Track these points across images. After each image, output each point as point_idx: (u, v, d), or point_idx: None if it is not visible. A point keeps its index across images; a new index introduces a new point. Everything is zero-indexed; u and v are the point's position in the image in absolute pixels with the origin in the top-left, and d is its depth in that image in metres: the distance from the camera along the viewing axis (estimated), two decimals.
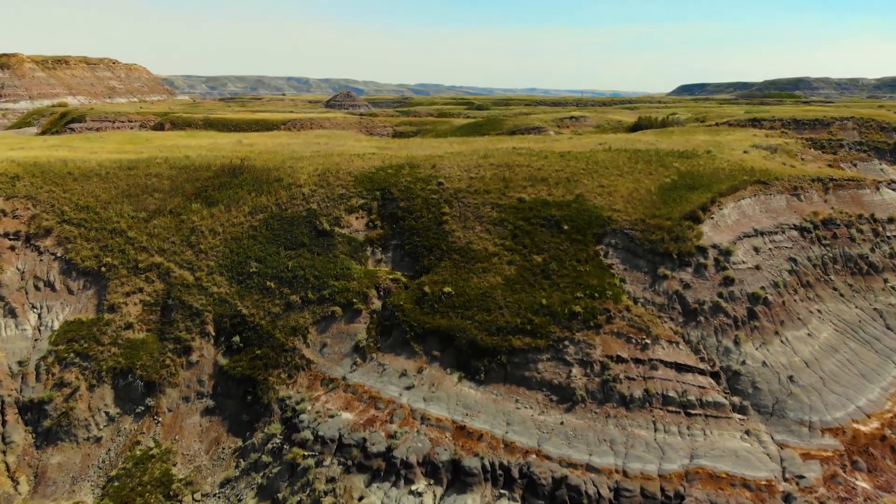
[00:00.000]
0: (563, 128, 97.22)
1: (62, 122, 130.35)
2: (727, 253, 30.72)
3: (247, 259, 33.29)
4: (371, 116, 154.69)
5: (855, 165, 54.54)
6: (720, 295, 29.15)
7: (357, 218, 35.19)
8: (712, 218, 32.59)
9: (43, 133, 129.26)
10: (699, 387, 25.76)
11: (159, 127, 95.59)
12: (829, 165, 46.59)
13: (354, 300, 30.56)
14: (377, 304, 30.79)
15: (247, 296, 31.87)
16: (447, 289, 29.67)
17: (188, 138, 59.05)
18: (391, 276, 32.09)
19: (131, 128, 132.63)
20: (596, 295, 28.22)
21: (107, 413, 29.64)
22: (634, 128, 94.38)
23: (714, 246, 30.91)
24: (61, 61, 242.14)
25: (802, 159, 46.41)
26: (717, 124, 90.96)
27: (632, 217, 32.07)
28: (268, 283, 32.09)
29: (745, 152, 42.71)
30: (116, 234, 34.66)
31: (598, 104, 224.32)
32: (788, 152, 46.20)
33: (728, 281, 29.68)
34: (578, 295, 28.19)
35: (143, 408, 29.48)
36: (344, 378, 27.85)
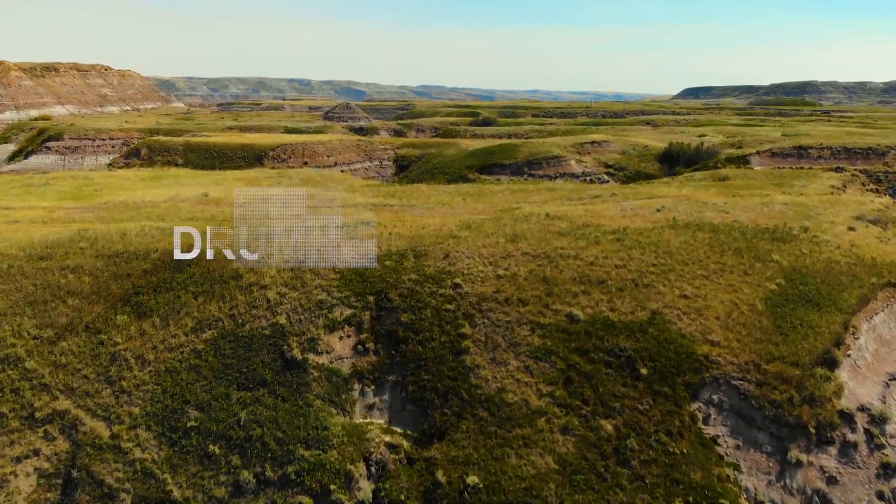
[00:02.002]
0: (584, 154, 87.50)
1: (39, 140, 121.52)
2: (881, 420, 20.82)
3: (184, 405, 23.45)
4: (370, 135, 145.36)
5: None
6: (881, 496, 19.34)
7: (341, 338, 25.33)
8: (849, 355, 22.72)
9: (18, 152, 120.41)
10: None
11: (134, 154, 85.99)
12: None
13: (332, 486, 20.68)
14: (366, 489, 20.92)
15: (181, 467, 22.02)
16: (472, 478, 19.80)
17: (148, 185, 49.35)
18: (388, 439, 22.25)
19: (112, 146, 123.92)
20: None
21: None
22: (665, 157, 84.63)
23: (862, 409, 21.02)
24: (50, 68, 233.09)
25: None
26: (758, 153, 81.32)
27: (739, 358, 22.17)
28: (211, 446, 22.23)
29: (850, 229, 32.85)
30: (10, 364, 24.83)
31: (610, 114, 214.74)
32: (894, 221, 36.38)
33: (888, 470, 19.84)
34: None
35: None
36: None
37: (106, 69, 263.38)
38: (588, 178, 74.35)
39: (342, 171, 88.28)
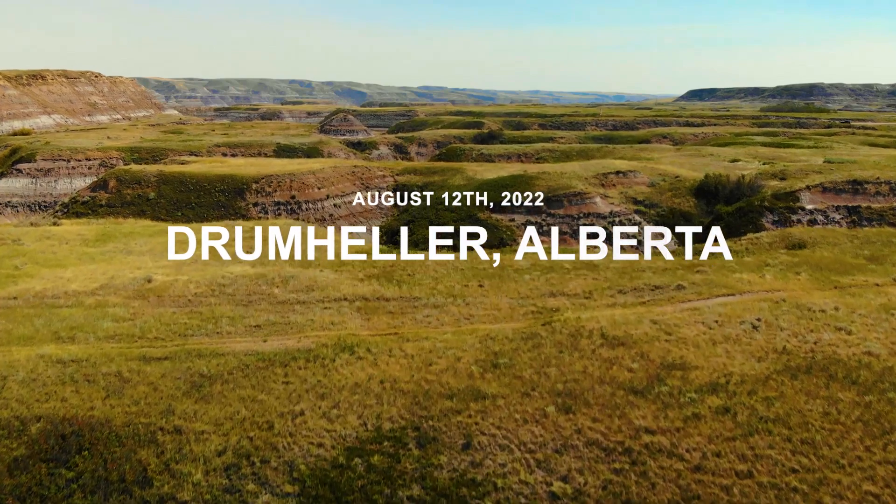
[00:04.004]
0: (608, 187, 77.76)
1: (10, 160, 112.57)
2: None
3: None
4: (368, 150, 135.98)
5: None
6: None
7: None
8: None
9: None
10: None
11: (101, 186, 76.47)
12: None
13: None
14: None
15: None
16: None
17: (86, 254, 39.63)
18: None
19: (89, 167, 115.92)
20: None
21: None
22: (701, 191, 74.80)
23: None
24: (37, 76, 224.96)
25: None
26: (808, 188, 71.42)
27: None
28: None
29: None
30: None
31: (621, 124, 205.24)
32: None
33: None
34: None
35: None
36: None
37: (96, 76, 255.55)
38: (617, 220, 64.64)
39: (335, 206, 78.84)
